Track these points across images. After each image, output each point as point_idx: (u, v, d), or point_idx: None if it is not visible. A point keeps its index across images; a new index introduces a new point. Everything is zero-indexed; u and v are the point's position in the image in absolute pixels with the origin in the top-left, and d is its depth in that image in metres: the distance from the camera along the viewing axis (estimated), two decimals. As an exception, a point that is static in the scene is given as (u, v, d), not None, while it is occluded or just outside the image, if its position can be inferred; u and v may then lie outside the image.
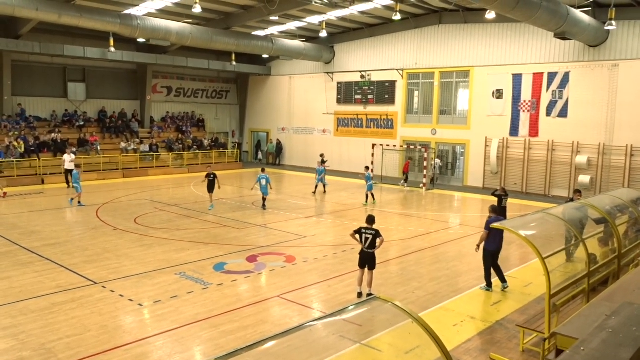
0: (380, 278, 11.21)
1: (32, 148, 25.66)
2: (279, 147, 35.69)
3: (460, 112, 27.30)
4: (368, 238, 10.04)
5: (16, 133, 26.06)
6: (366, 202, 20.91)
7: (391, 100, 29.33)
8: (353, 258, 12.83)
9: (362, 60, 30.49)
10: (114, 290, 10.26)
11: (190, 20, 25.82)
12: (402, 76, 28.78)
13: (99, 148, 28.15)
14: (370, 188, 21.09)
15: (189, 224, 16.56)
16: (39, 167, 25.07)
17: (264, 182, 19.05)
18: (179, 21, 25.03)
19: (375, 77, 29.85)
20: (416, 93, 29.16)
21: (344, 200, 21.73)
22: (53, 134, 26.96)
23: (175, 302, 9.70)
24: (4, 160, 24.19)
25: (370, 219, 10.39)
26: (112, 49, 25.10)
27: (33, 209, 18.80)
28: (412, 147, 27.67)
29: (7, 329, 8.38)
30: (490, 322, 9.05)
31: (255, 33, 29.43)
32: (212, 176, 19.12)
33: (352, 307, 7.01)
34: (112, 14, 22.53)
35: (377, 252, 10.17)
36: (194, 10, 20.70)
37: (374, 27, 29.44)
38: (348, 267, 12.03)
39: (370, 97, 30.29)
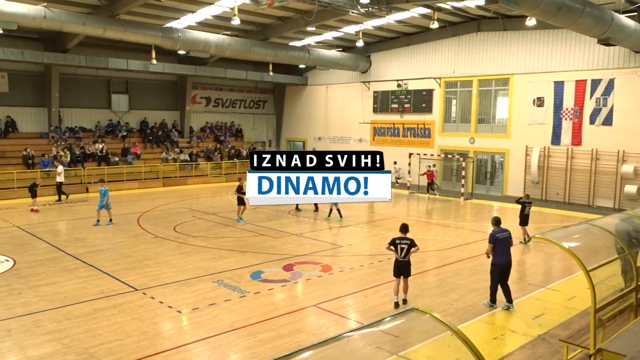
0: (418, 289, 11.07)
1: (78, 158, 26.56)
2: (315, 156, 35.78)
3: (499, 121, 26.79)
4: (403, 248, 10.03)
5: (62, 143, 27.06)
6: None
7: (428, 109, 29.06)
8: (389, 268, 12.69)
9: (399, 69, 30.36)
10: (154, 296, 10.47)
11: (229, 32, 26.33)
12: (439, 84, 28.50)
13: (129, 159, 28.51)
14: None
15: (227, 232, 16.77)
16: (84, 176, 25.93)
17: None
18: (218, 33, 25.57)
19: (412, 85, 29.65)
20: (454, 101, 28.80)
21: (380, 210, 21.59)
22: (97, 144, 27.84)
23: (213, 309, 9.82)
24: (51, 169, 25.11)
25: (404, 228, 10.28)
26: (154, 61, 25.81)
27: (77, 216, 19.42)
28: (449, 156, 27.29)
29: (53, 333, 8.65)
30: (532, 336, 8.79)
31: (292, 43, 29.74)
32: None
33: (389, 318, 6.92)
34: (154, 28, 23.21)
35: (415, 261, 10.17)
36: (232, 22, 21.12)
37: (411, 35, 29.30)
38: (384, 277, 11.92)
39: (407, 105, 30.10)
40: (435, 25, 22.62)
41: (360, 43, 27.00)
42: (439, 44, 28.26)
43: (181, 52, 25.81)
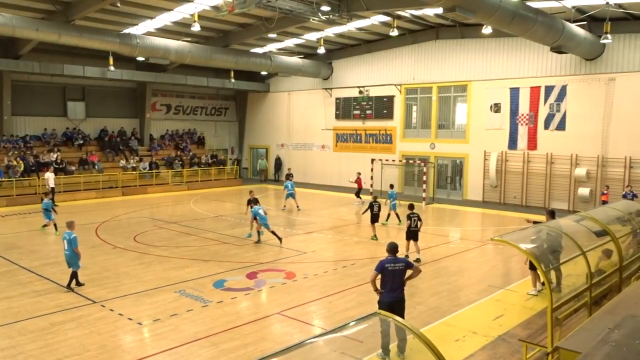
0: (381, 293, 11.12)
1: (32, 167, 25.66)
2: (278, 163, 35.74)
3: (458, 126, 27.39)
4: (414, 219, 9.26)
5: (16, 152, 26.09)
6: (386, 221, 19.58)
7: (389, 115, 29.44)
8: (353, 273, 12.81)
9: (360, 75, 30.68)
10: (113, 309, 10.19)
11: (189, 39, 26.04)
12: (400, 91, 28.93)
13: (101, 167, 28.21)
14: (394, 207, 19.71)
15: (189, 241, 16.50)
16: (39, 186, 25.02)
17: (262, 212, 16.35)
18: (178, 39, 25.24)
19: (374, 92, 30.00)
20: (414, 108, 29.28)
21: (344, 216, 21.69)
22: (52, 153, 26.96)
23: (175, 320, 9.63)
24: (3, 179, 24.19)
25: (393, 248, 8.23)
26: (112, 68, 25.26)
27: (32, 228, 18.72)
28: (411, 161, 27.69)
29: (5, 350, 8.30)
30: (493, 336, 8.98)
31: (253, 50, 29.65)
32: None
33: (353, 323, 6.93)
34: (112, 34, 22.70)
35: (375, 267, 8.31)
36: (192, 28, 20.87)
37: (372, 42, 29.68)
38: (349, 283, 11.97)
39: (368, 112, 30.42)
40: (395, 32, 22.96)
41: (321, 50, 27.14)
42: (399, 51, 28.73)
43: (140, 58, 25.35)
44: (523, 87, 24.31)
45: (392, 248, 8.24)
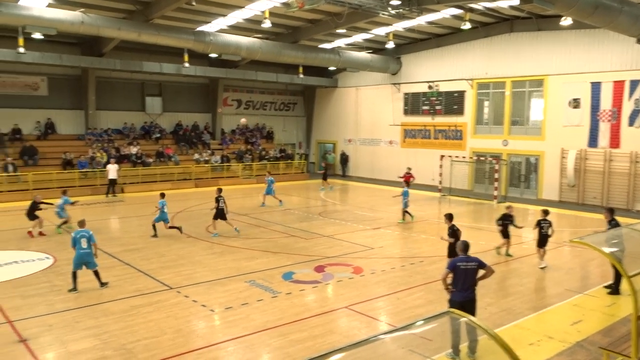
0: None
1: (114, 159, 27.15)
2: (344, 158, 35.83)
3: (533, 123, 26.27)
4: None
5: (99, 145, 27.75)
6: (403, 219, 18.99)
7: (460, 111, 28.73)
8: (421, 271, 12.66)
9: (430, 70, 30.11)
10: (188, 295, 10.63)
11: (260, 35, 26.59)
12: (471, 86, 28.14)
13: (177, 159, 29.52)
14: (405, 205, 18.98)
15: (258, 233, 16.91)
16: (120, 177, 26.47)
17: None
18: (249, 36, 25.84)
19: (444, 87, 29.37)
20: (486, 103, 28.39)
21: (412, 212, 21.40)
22: (132, 146, 28.46)
23: (246, 309, 9.91)
24: (87, 170, 25.77)
25: (465, 247, 7.96)
26: (187, 65, 26.21)
27: (114, 216, 19.86)
28: (482, 158, 26.90)
29: (92, 329, 8.88)
30: (570, 342, 8.58)
31: (322, 46, 29.83)
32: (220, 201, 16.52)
33: (422, 321, 6.84)
34: (187, 31, 23.60)
35: (445, 265, 8.51)
36: (263, 25, 21.30)
37: (442, 37, 29.04)
38: (417, 280, 11.84)
39: (438, 107, 29.83)
40: (467, 26, 22.38)
41: (390, 45, 26.90)
42: (471, 45, 27.92)
43: (213, 55, 26.17)
44: (605, 81, 22.93)
45: (465, 247, 8.07)
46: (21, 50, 21.00)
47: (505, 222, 14.03)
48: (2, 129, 25.86)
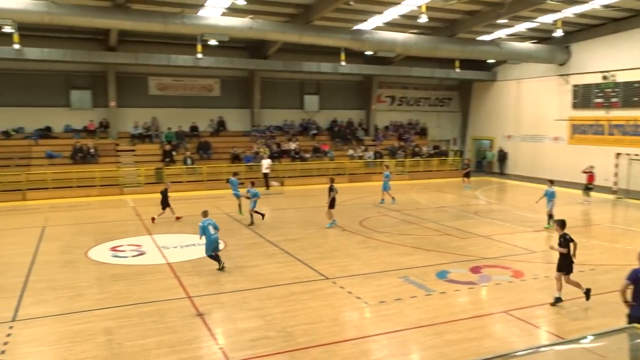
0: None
1: (275, 154, 29.11)
2: (502, 155, 33.95)
3: None
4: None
5: (262, 140, 29.92)
6: (548, 223, 16.96)
7: (641, 103, 25.47)
8: (592, 280, 11.55)
9: (605, 59, 27.09)
10: (343, 286, 10.99)
11: (416, 30, 26.30)
12: (657, 75, 24.76)
13: (333, 155, 30.66)
14: (550, 208, 16.91)
15: (411, 229, 16.83)
16: (280, 170, 28.33)
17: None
18: (405, 32, 25.72)
19: (621, 77, 26.22)
20: (676, 94, 24.79)
21: (579, 215, 19.62)
22: (291, 142, 30.20)
23: (399, 304, 9.95)
24: (252, 164, 27.92)
25: (563, 223, 10.10)
26: (343, 63, 26.97)
27: (274, 207, 21.27)
28: (668, 157, 23.57)
29: (257, 310, 9.64)
30: None
31: (480, 38, 28.57)
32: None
33: (595, 335, 6.24)
34: (344, 31, 24.28)
35: (619, 275, 8.56)
36: (419, 20, 21.06)
37: (620, 20, 25.93)
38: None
39: (614, 100, 26.77)
40: (654, 6, 19.73)
41: (558, 33, 24.78)
42: (658, 28, 24.54)
43: (368, 52, 26.56)
44: None
45: None
46: (199, 56, 23.45)
47: None
48: (183, 127, 29.16)
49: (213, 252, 12.16)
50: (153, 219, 17.75)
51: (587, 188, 22.61)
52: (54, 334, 8.59)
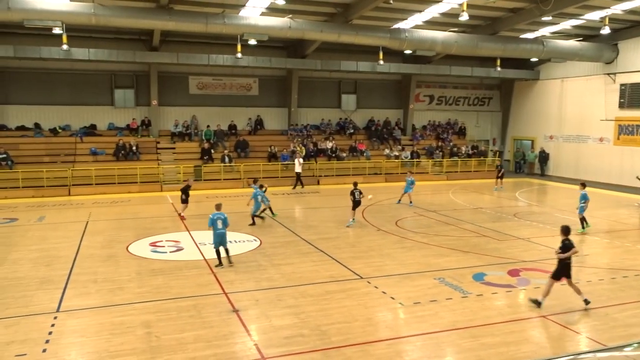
0: (675, 314, 9.40)
1: (312, 153, 29.22)
2: (543, 156, 33.07)
3: None
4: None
5: (299, 139, 30.08)
6: (583, 227, 16.45)
7: (694, 103, 24.36)
8: (637, 286, 11.17)
9: (655, 57, 26.08)
10: (377, 286, 10.94)
11: (456, 29, 25.90)
12: None
13: (369, 154, 30.59)
14: (581, 210, 16.72)
15: (447, 230, 16.61)
16: (316, 169, 28.43)
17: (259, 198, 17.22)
18: (445, 30, 25.36)
19: (673, 76, 25.19)
20: None
21: (624, 219, 18.96)
22: (328, 141, 30.25)
23: (434, 306, 9.84)
24: (288, 162, 28.11)
25: (566, 230, 9.88)
26: (381, 62, 26.72)
27: (310, 206, 21.36)
28: None
29: (292, 307, 9.71)
30: None
31: (523, 36, 27.90)
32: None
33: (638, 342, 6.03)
34: (383, 30, 24.13)
35: None
36: (460, 18, 20.67)
37: (673, 17, 24.89)
38: (632, 296, 10.46)
39: (664, 99, 25.71)
40: None
41: (605, 30, 23.94)
42: None
43: (407, 51, 26.31)
44: None
45: None
46: (239, 55, 23.74)
47: None
48: (221, 125, 29.60)
49: (217, 246, 12.25)
50: (180, 215, 18.16)
51: None
52: (95, 326, 8.88)
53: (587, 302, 9.82)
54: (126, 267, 12.39)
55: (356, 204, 17.12)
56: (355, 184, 17.63)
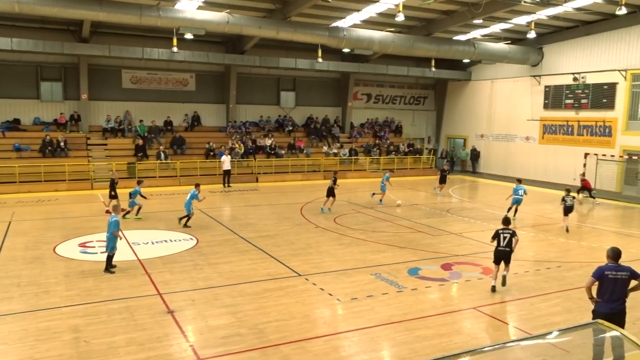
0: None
1: (250, 150, 28.94)
2: (474, 154, 34.44)
3: (701, 118, 23.07)
4: (506, 237, 10.67)
5: (238, 136, 29.71)
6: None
7: (610, 105, 26.11)
8: (559, 277, 11.83)
9: (576, 61, 27.73)
10: (315, 283, 11.00)
11: (392, 29, 26.44)
12: (625, 77, 25.41)
13: (309, 151, 30.66)
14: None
15: (384, 227, 16.95)
16: (255, 167, 28.20)
17: None
18: (382, 30, 25.82)
19: (591, 79, 26.89)
20: (643, 96, 25.49)
21: (549, 214, 20.03)
22: (267, 138, 30.07)
23: (371, 301, 10.01)
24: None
25: (616, 254, 8.03)
26: (320, 60, 26.94)
27: (249, 203, 21.16)
28: (634, 157, 24.23)
29: (229, 307, 9.58)
30: None
31: (456, 38, 28.89)
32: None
33: (561, 330, 6.37)
34: (322, 27, 24.26)
35: (588, 271, 8.86)
36: (397, 18, 21.13)
37: (592, 24, 26.53)
38: (553, 286, 11.08)
39: (584, 101, 27.41)
40: (622, 11, 20.19)
41: (531, 34, 25.23)
42: (627, 32, 25.19)
43: (346, 50, 26.58)
44: None
45: (615, 254, 7.35)
46: (175, 49, 23.13)
47: None
48: (157, 121, 28.74)
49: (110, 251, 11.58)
50: (107, 211, 17.45)
51: (591, 195, 22.98)
52: (18, 332, 8.39)
53: (493, 288, 10.71)
54: (53, 269, 11.78)
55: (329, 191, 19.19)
56: (335, 172, 19.59)
